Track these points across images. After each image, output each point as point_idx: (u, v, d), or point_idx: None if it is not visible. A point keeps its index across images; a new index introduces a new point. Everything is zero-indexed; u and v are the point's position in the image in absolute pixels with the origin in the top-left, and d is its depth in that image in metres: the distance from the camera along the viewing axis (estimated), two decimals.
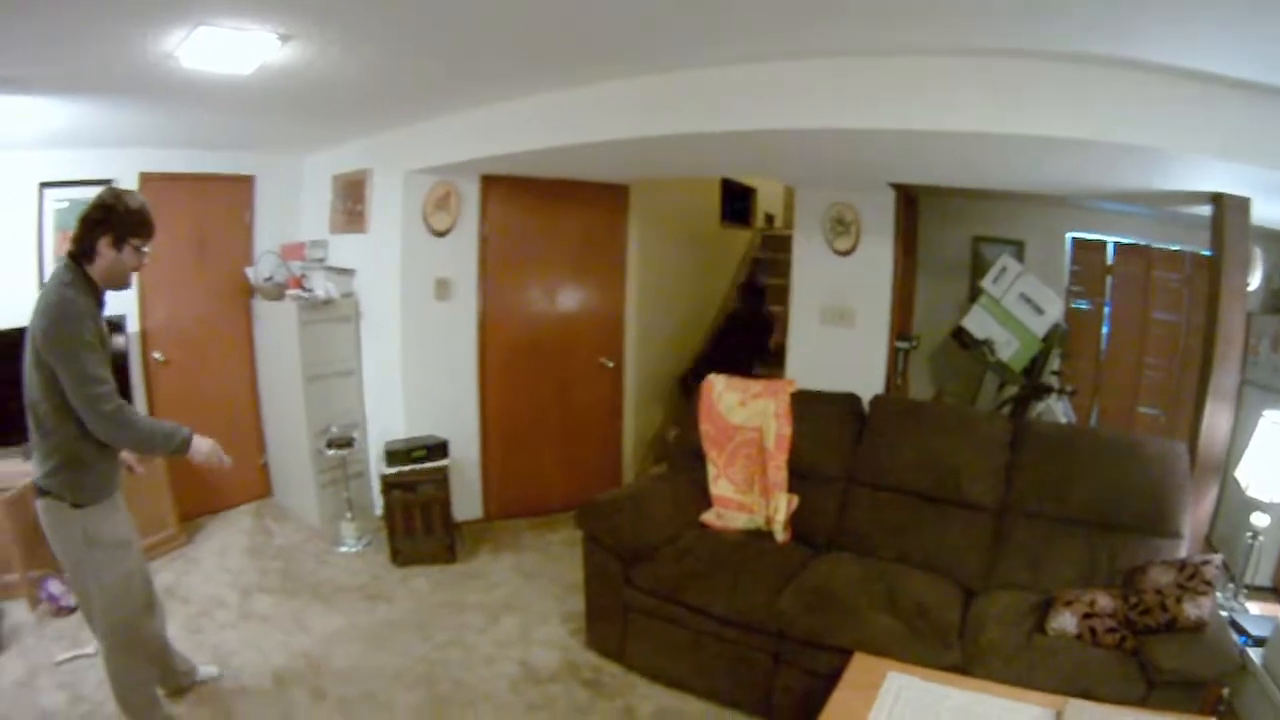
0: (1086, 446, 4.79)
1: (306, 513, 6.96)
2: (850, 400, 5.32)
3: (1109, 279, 5.87)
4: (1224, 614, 4.12)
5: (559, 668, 5.19)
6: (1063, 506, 4.67)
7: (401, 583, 6.26)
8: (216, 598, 5.82)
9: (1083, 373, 5.89)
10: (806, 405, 5.37)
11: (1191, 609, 3.77)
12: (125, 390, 5.94)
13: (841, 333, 5.97)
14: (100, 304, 3.62)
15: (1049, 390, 5.68)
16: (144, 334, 6.36)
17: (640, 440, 7.50)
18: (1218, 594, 4.06)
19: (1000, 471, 4.81)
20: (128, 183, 6.13)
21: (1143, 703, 3.62)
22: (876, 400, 5.35)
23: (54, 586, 5.40)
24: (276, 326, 6.66)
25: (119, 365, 5.77)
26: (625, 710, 4.78)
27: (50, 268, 5.82)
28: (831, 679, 3.88)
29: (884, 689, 3.70)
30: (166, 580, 6.01)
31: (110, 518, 3.77)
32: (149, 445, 3.71)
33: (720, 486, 5.45)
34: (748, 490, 5.35)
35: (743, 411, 5.47)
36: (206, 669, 4.87)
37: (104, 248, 3.52)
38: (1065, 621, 3.99)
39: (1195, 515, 4.59)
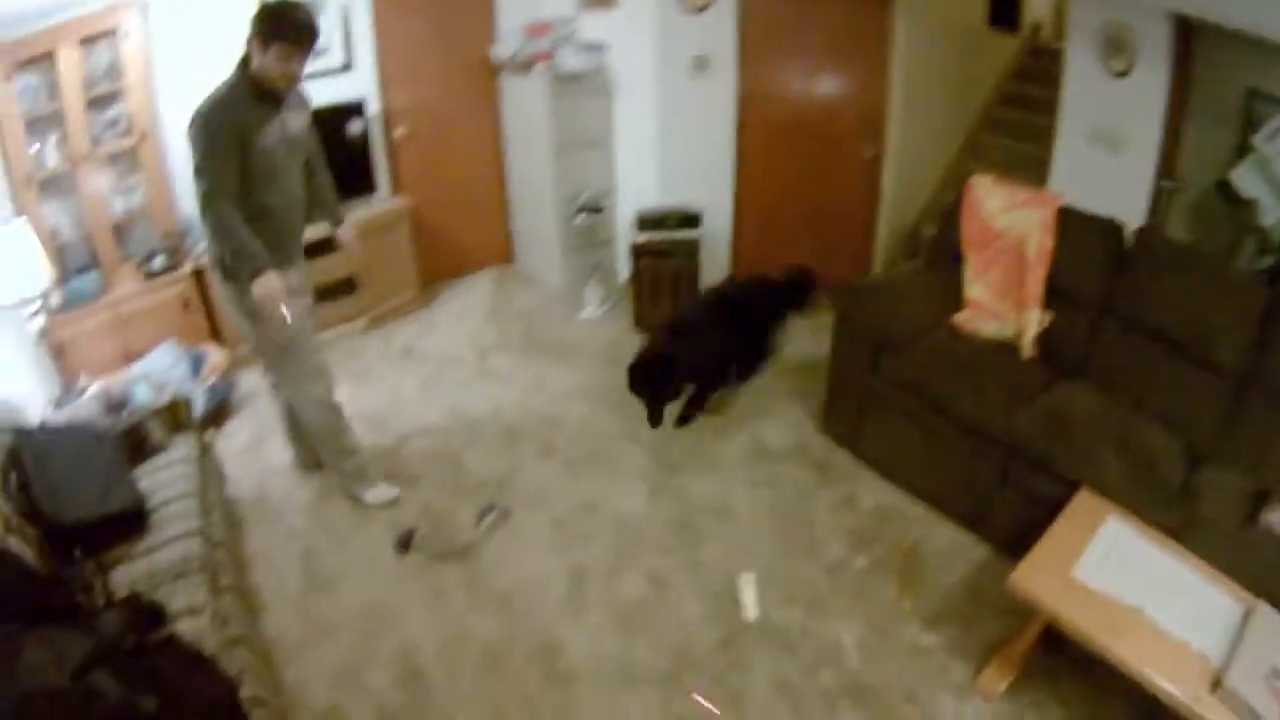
0: None
1: (549, 278, 6.98)
2: (1115, 228, 4.82)
3: None
4: None
5: (790, 447, 5.09)
6: None
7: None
8: (454, 357, 5.99)
9: None
10: (1070, 223, 4.89)
11: None
12: (367, 170, 6.13)
13: (1107, 160, 5.43)
14: (271, 103, 3.69)
15: None
16: (386, 113, 6.32)
17: (893, 233, 7.16)
18: None
19: (1248, 340, 4.26)
20: None
21: None
22: (1143, 233, 4.81)
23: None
24: (525, 100, 6.53)
25: (359, 148, 6.01)
26: (847, 499, 4.69)
27: None
28: (1051, 509, 3.75)
29: (1100, 531, 3.59)
30: (405, 341, 6.26)
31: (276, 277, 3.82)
32: (225, 247, 3.72)
33: (975, 290, 5.10)
34: (1002, 299, 4.99)
35: (1007, 217, 5.03)
36: (388, 490, 4.80)
37: (255, 49, 3.57)
38: (1277, 520, 3.63)
39: None
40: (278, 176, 3.76)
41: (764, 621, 3.92)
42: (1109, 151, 5.29)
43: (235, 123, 3.52)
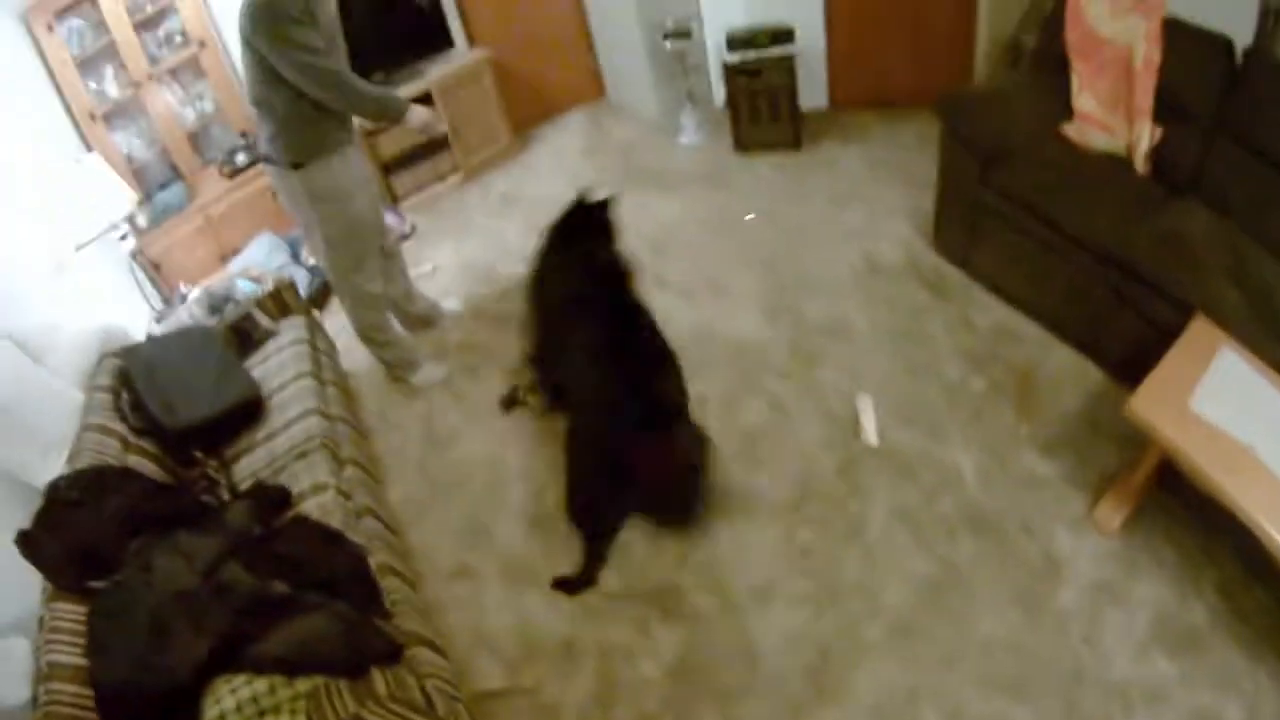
0: None
1: (643, 108, 6.82)
2: (1225, 42, 4.45)
3: None
4: None
5: (902, 265, 4.96)
6: None
7: (745, 170, 6.11)
8: (554, 197, 5.83)
9: None
10: (1176, 35, 4.54)
11: None
12: (442, 25, 6.00)
13: None
14: None
15: None
16: None
17: (994, 42, 6.82)
18: None
19: None
20: None
21: None
22: (1252, 54, 4.48)
23: (389, 218, 5.57)
24: None
25: (430, 4, 5.86)
26: (962, 319, 4.58)
27: None
28: (1165, 334, 3.58)
29: (1216, 362, 3.42)
30: (504, 188, 6.24)
31: (331, 172, 3.88)
32: (362, 107, 3.80)
33: (1083, 100, 4.80)
34: (1112, 110, 4.68)
35: (1112, 24, 4.68)
36: (452, 304, 5.02)
37: None
38: None
39: None
40: (337, 46, 3.74)
41: (883, 446, 3.91)
42: None
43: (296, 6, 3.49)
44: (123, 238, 4.85)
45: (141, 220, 5.02)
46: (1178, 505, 3.50)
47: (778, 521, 3.59)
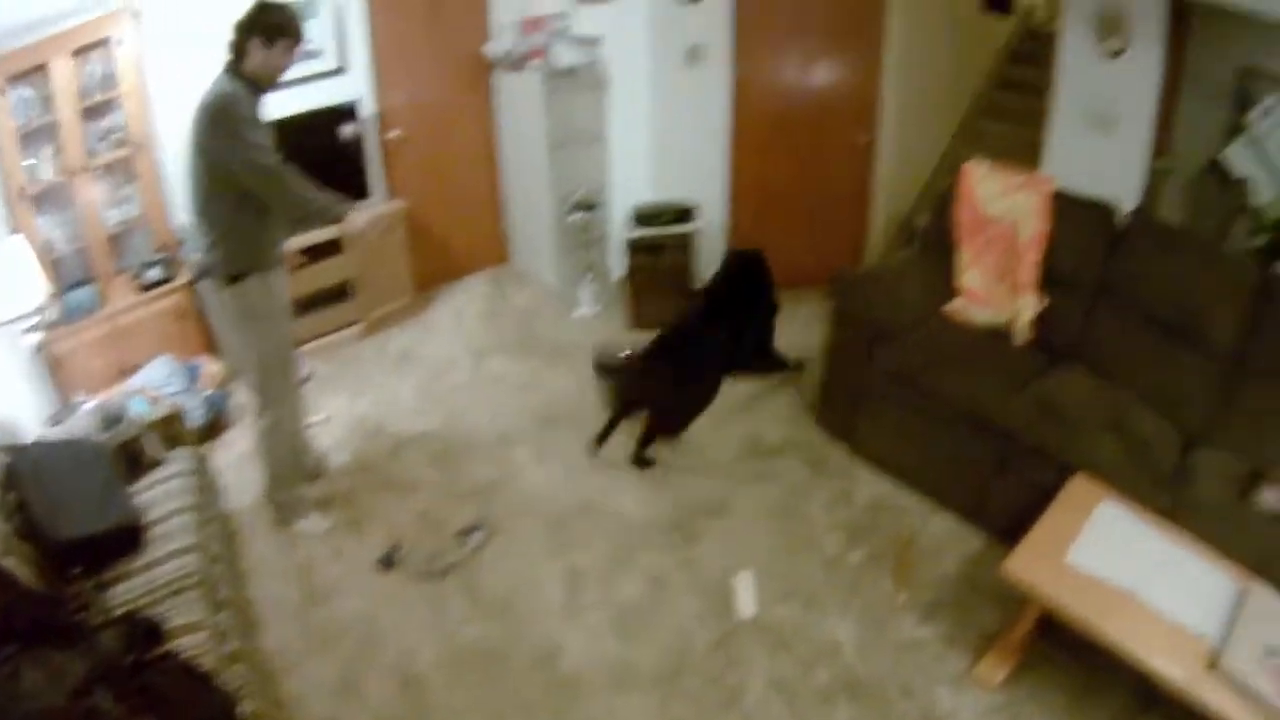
0: None
1: (544, 277, 6.99)
2: (1108, 210, 4.82)
3: None
4: None
5: (785, 443, 5.13)
6: None
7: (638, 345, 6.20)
8: (450, 359, 6.02)
9: None
10: (1062, 206, 4.90)
11: None
12: (361, 172, 6.09)
13: (1101, 142, 5.40)
14: (259, 100, 3.80)
15: None
16: (381, 115, 6.29)
17: (889, 222, 7.16)
18: None
19: (1243, 321, 4.30)
20: None
21: None
22: (1137, 214, 4.83)
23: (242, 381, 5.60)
24: (519, 97, 6.53)
25: (352, 151, 5.98)
26: (842, 494, 4.74)
27: None
28: (1046, 494, 3.81)
29: (1095, 514, 3.66)
30: (402, 345, 6.28)
31: (267, 288, 3.99)
32: (306, 206, 3.88)
33: (969, 278, 5.12)
34: (996, 285, 5.01)
35: (1001, 203, 5.05)
36: (321, 521, 4.77)
37: (254, 48, 3.70)
38: (1272, 499, 3.69)
39: None
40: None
41: (760, 619, 3.97)
42: (1103, 133, 5.30)
43: (251, 106, 3.68)
44: (30, 329, 4.74)
45: (52, 315, 4.89)
46: (1063, 655, 3.62)
47: (652, 693, 3.60)
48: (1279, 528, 3.62)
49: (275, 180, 3.70)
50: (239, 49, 3.70)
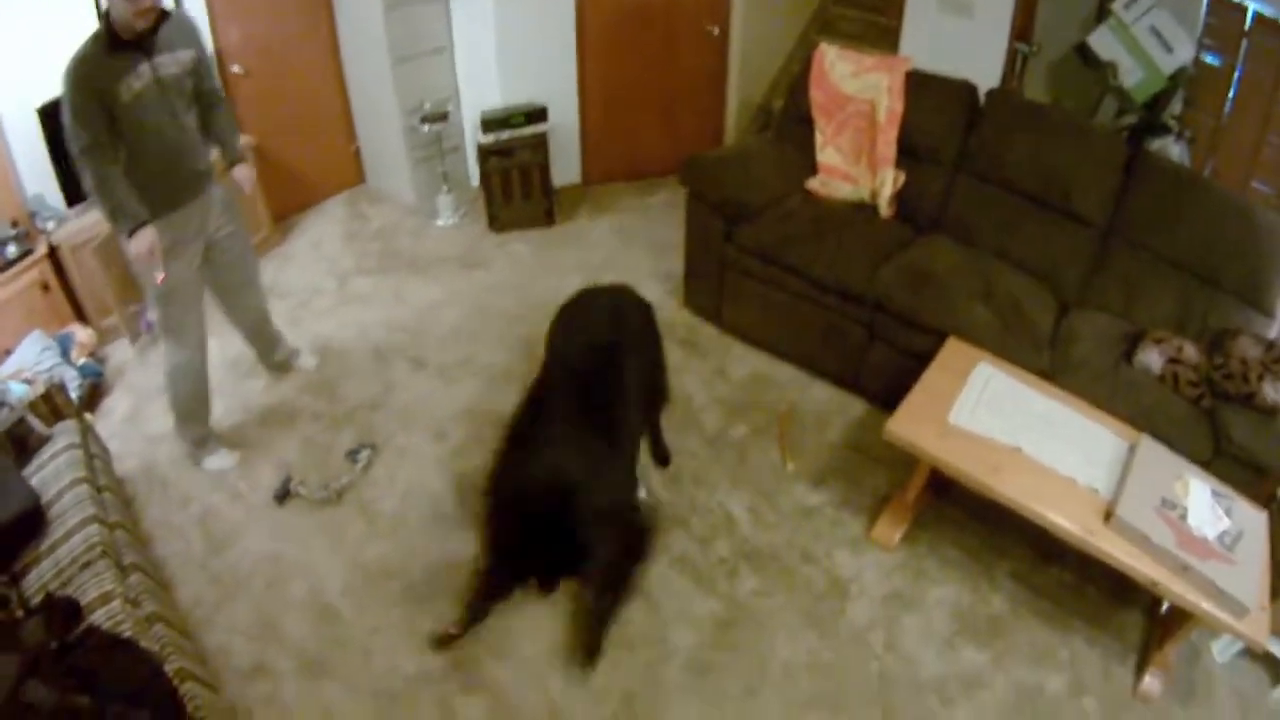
0: (1200, 194, 4.47)
1: (401, 193, 7.02)
2: (966, 88, 5.01)
3: (1244, 42, 5.29)
4: None
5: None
6: (1167, 245, 4.46)
7: (500, 249, 6.41)
8: (314, 286, 6.05)
9: (1202, 127, 5.39)
10: (920, 86, 5.07)
11: (1271, 391, 3.74)
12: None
13: (958, 23, 5.57)
14: (137, 50, 3.65)
15: (1167, 130, 5.29)
16: (219, 52, 6.13)
17: (744, 110, 7.27)
18: None
19: (1111, 193, 4.57)
20: None
21: (1206, 466, 3.63)
22: (994, 93, 5.04)
23: (152, 314, 5.57)
24: (360, 15, 6.40)
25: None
26: (718, 371, 4.96)
27: None
28: (921, 360, 3.99)
29: (973, 375, 3.82)
30: (265, 279, 6.09)
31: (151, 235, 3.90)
32: (103, 204, 3.79)
33: (827, 155, 5.30)
34: (855, 162, 5.21)
35: (855, 83, 5.19)
36: (307, 360, 5.26)
37: None
38: (1151, 359, 3.96)
39: None
40: (148, 124, 3.75)
41: (651, 500, 4.18)
42: (959, 16, 5.47)
43: (93, 77, 3.52)
44: None
45: None
46: (958, 512, 3.91)
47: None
48: (1158, 387, 3.89)
49: (81, 166, 3.66)
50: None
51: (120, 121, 3.63)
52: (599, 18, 6.57)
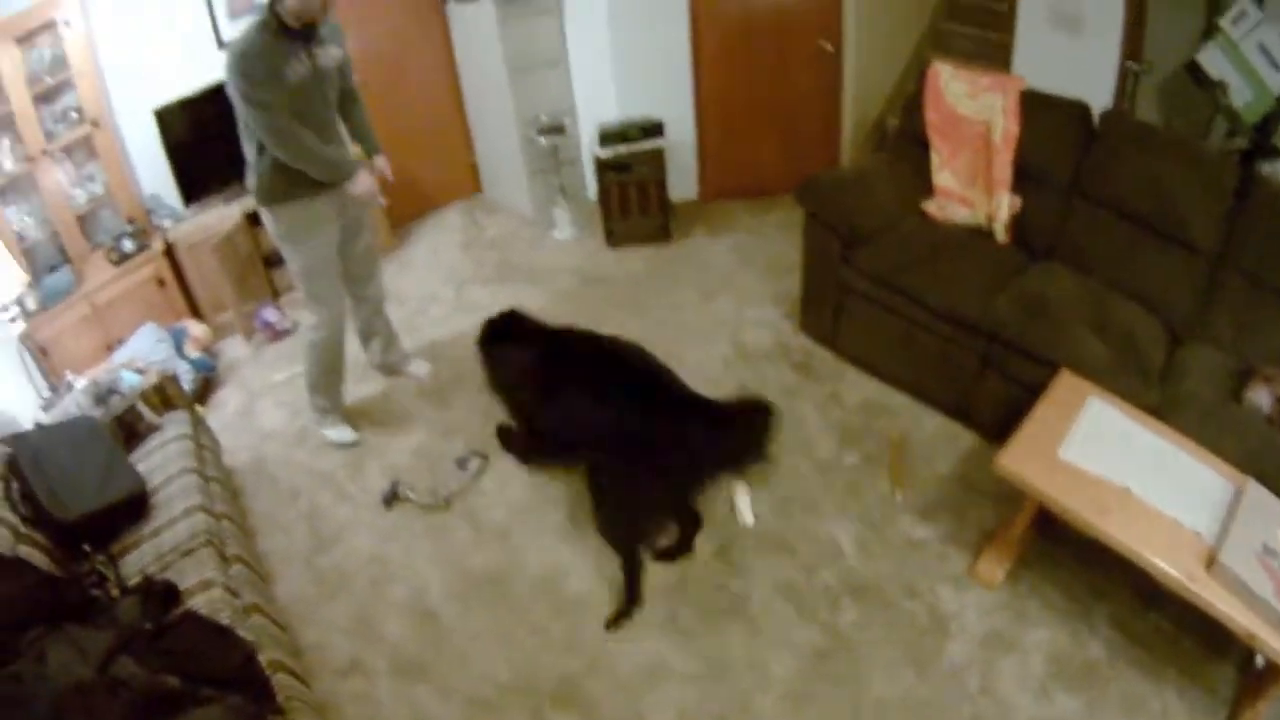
0: None
1: (518, 204, 6.99)
2: (1081, 108, 4.76)
3: None
4: None
5: (771, 348, 5.17)
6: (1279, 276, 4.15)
7: (617, 264, 6.30)
8: (431, 294, 6.07)
9: None
10: (1035, 106, 4.84)
11: None
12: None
13: (1070, 42, 5.36)
14: (300, 40, 3.83)
15: (1278, 154, 5.04)
16: None
17: (859, 127, 7.11)
18: None
19: (1224, 218, 4.24)
20: None
21: None
22: (1109, 115, 4.76)
23: (268, 314, 5.74)
24: (475, 27, 6.45)
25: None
26: (832, 396, 4.78)
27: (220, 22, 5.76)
28: (1033, 392, 3.81)
29: (1083, 411, 3.64)
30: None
31: (301, 215, 4.18)
32: (310, 164, 4.00)
33: (943, 177, 5.11)
34: (971, 185, 5.00)
35: (971, 103, 5.00)
36: (419, 366, 5.27)
37: None
38: (1261, 398, 3.70)
39: None
40: (307, 111, 3.96)
41: (759, 526, 4.04)
42: (1071, 34, 5.25)
43: (266, 56, 3.69)
44: (12, 320, 4.80)
45: (30, 303, 4.95)
46: (1061, 552, 3.70)
47: (659, 605, 3.69)
48: (1267, 428, 3.64)
49: (278, 139, 3.84)
50: None
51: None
52: (713, 32, 6.48)
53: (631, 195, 6.35)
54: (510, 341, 4.24)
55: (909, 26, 7.02)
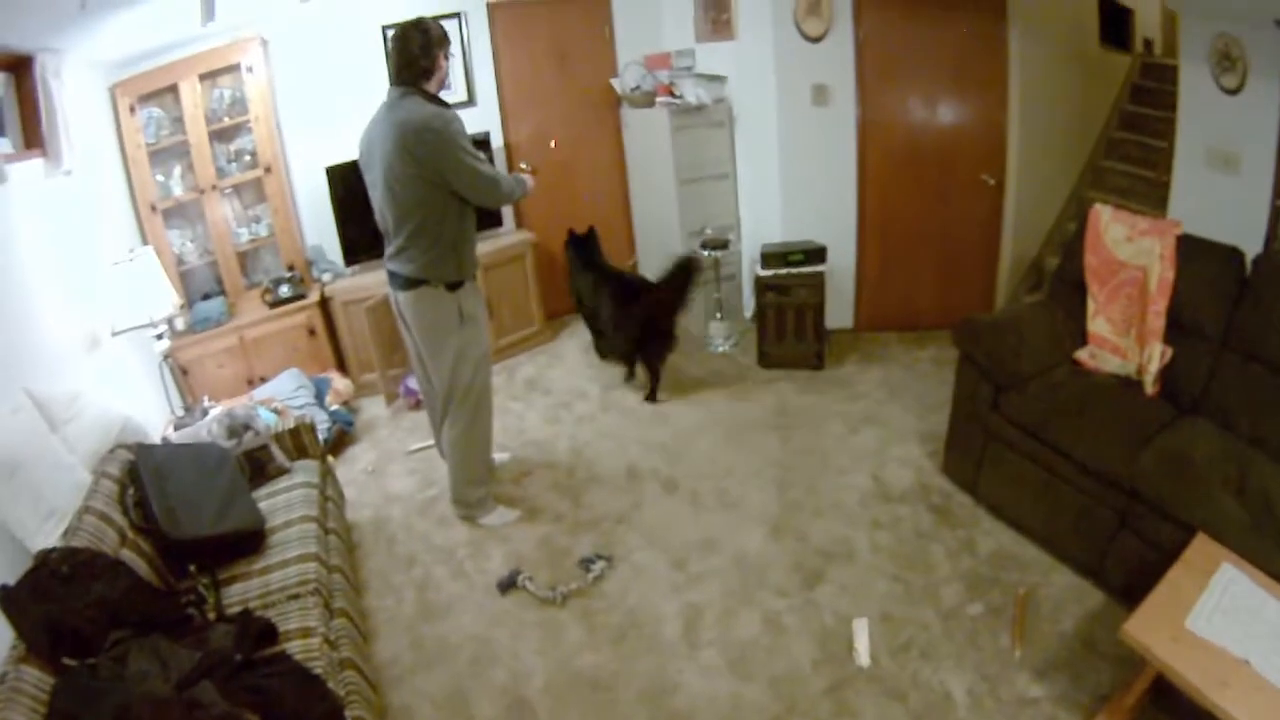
0: None
1: None
2: (1235, 255, 4.55)
3: None
4: None
5: (910, 488, 4.98)
6: None
7: (766, 385, 6.19)
8: (578, 390, 6.06)
9: None
10: (1189, 252, 4.61)
11: None
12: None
13: (1225, 182, 5.14)
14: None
15: None
16: (508, 147, 6.49)
17: (1017, 263, 6.98)
18: None
19: None
20: (477, 15, 6.32)
21: None
22: (1261, 260, 4.59)
23: (412, 382, 5.76)
24: (647, 133, 6.61)
25: None
26: (966, 542, 4.56)
27: None
28: (1167, 555, 3.59)
29: (1216, 577, 3.42)
30: (529, 373, 6.35)
31: (475, 296, 4.33)
32: (512, 193, 4.37)
33: (1098, 324, 4.91)
34: (1124, 333, 4.78)
35: (1129, 248, 4.81)
36: (498, 454, 5.23)
37: (441, 61, 4.05)
38: None
39: None
40: None
41: (875, 668, 3.81)
42: (1226, 173, 5.08)
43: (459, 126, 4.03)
44: (159, 337, 4.89)
45: (179, 324, 5.12)
46: None
47: None
48: None
49: (490, 183, 4.12)
50: (429, 66, 3.98)
51: None
52: (876, 162, 6.51)
53: (789, 318, 6.29)
54: (583, 252, 6.18)
55: (1069, 163, 6.94)
